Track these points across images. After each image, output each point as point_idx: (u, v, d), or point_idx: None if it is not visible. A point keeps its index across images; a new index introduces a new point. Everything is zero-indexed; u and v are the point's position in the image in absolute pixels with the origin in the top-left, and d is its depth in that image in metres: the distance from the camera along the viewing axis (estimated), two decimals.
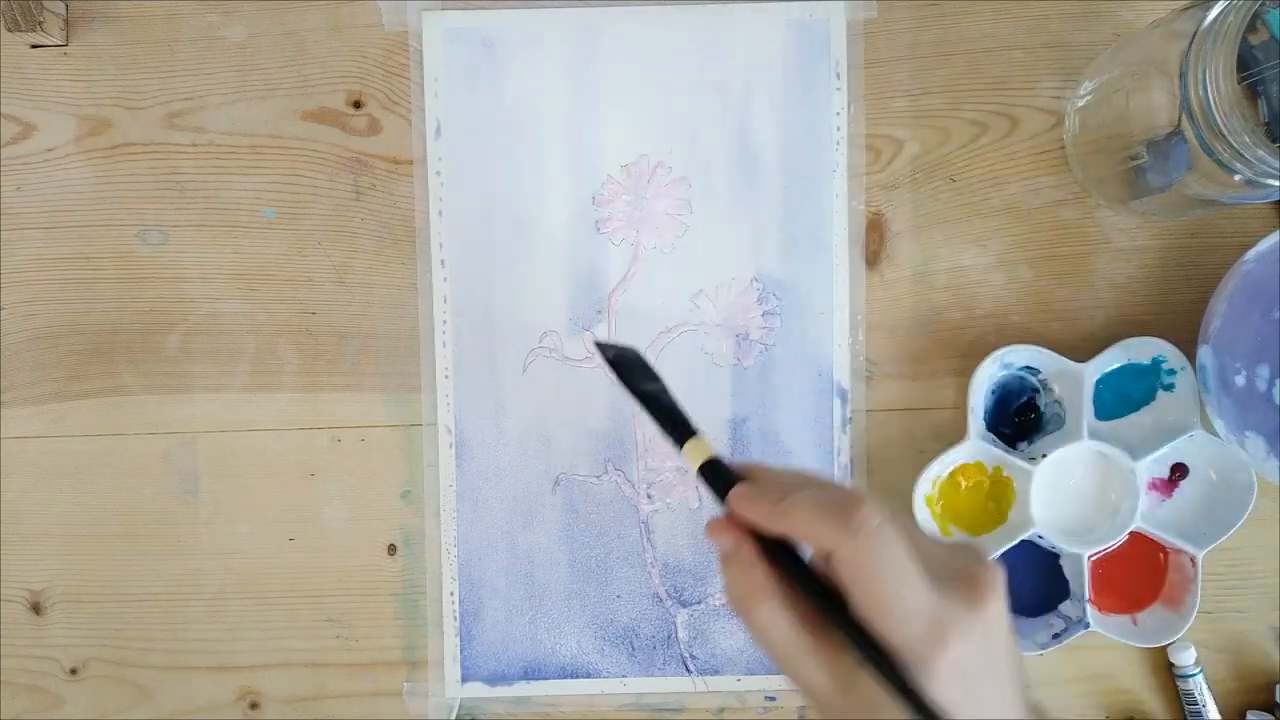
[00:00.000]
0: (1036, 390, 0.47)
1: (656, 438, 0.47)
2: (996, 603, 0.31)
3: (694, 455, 0.35)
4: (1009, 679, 0.32)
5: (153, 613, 0.48)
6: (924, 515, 0.46)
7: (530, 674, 0.47)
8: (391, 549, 0.47)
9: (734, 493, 0.34)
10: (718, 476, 0.34)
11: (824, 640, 0.32)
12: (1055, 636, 0.46)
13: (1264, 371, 0.40)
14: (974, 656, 0.31)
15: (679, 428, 0.36)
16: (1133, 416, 0.46)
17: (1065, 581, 0.47)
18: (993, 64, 0.47)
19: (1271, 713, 0.47)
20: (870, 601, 0.31)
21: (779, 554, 0.32)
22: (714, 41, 0.46)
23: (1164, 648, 0.47)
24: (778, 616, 0.32)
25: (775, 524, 0.33)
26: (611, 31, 0.46)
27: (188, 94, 0.47)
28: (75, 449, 0.47)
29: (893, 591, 0.30)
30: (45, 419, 0.47)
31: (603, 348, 0.38)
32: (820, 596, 0.32)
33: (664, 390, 0.37)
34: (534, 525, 0.47)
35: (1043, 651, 0.45)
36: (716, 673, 0.47)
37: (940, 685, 0.30)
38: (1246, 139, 0.35)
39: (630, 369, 0.38)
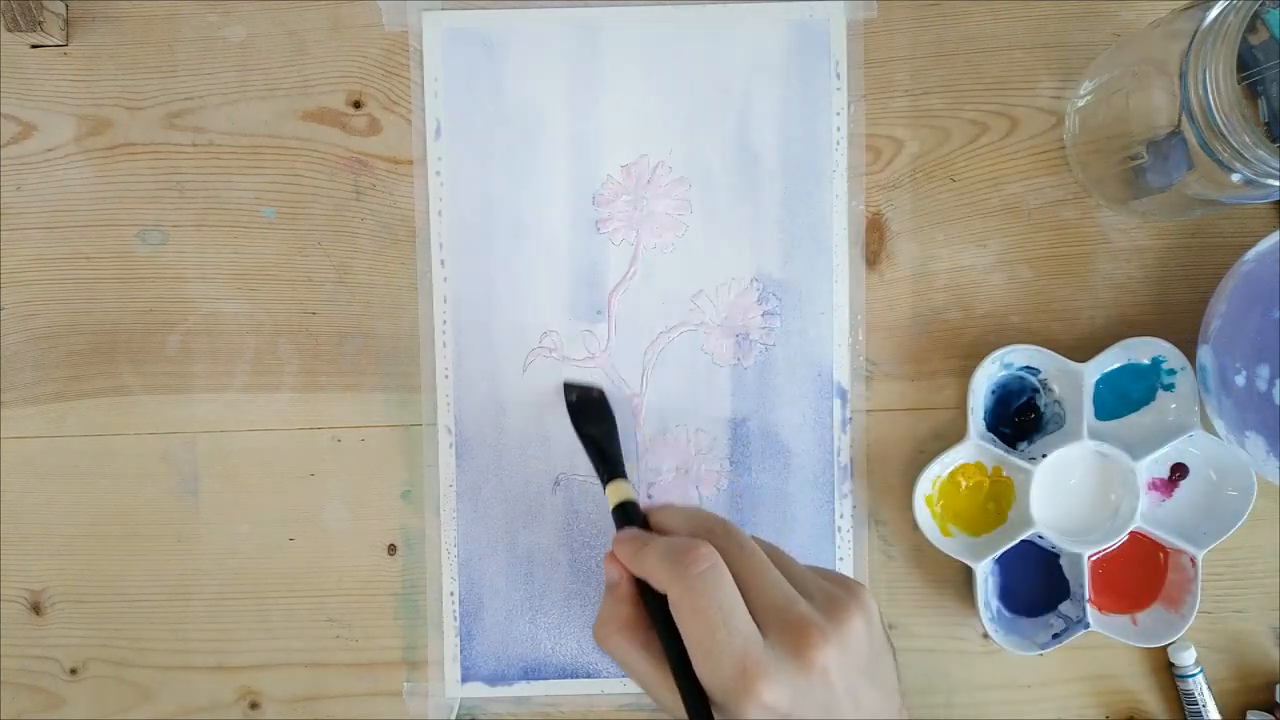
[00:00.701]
0: (1036, 390, 0.47)
1: (656, 439, 0.47)
2: (825, 648, 0.31)
3: (613, 495, 0.39)
4: (853, 718, 0.32)
5: (153, 613, 0.48)
6: (924, 515, 0.46)
7: (530, 674, 0.47)
8: (391, 549, 0.47)
9: (617, 535, 0.37)
10: (628, 518, 0.38)
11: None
12: (1055, 636, 0.46)
13: (1264, 371, 0.40)
14: (793, 701, 0.31)
15: (610, 469, 0.41)
16: (1133, 416, 0.46)
17: (1065, 581, 0.47)
18: (993, 64, 0.47)
19: (1271, 713, 0.47)
20: (691, 644, 0.32)
21: (652, 594, 0.35)
22: (714, 41, 0.46)
23: (1164, 648, 0.47)
24: (632, 651, 0.35)
25: (635, 568, 0.35)
26: (611, 31, 0.46)
27: (188, 94, 0.47)
28: (75, 449, 0.47)
29: (708, 635, 0.32)
30: (45, 419, 0.47)
31: (568, 389, 0.44)
32: (668, 639, 0.34)
33: (608, 433, 0.42)
34: (534, 525, 0.47)
35: (1043, 651, 0.45)
36: None
37: None
38: (1246, 139, 0.35)
39: (587, 410, 0.43)
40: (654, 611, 0.35)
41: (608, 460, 0.41)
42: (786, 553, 0.36)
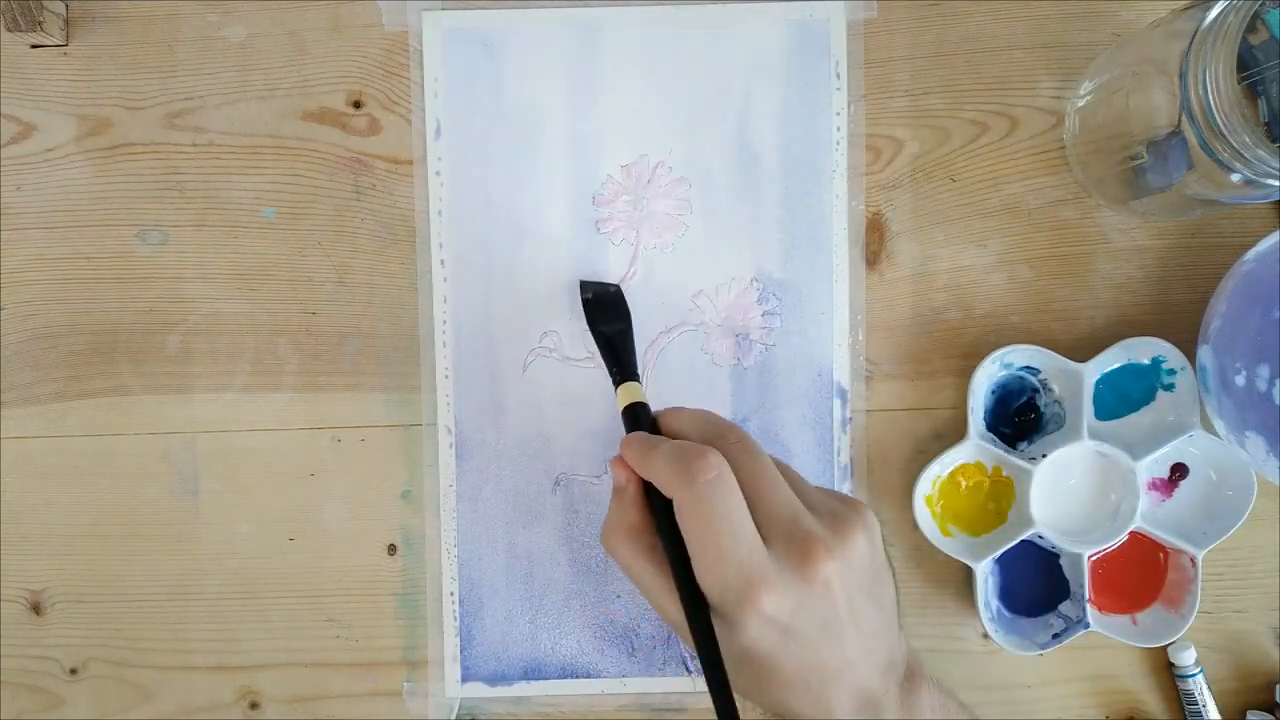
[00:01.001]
0: (1036, 390, 0.47)
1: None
2: (828, 562, 0.32)
3: (624, 396, 0.39)
4: (852, 634, 0.32)
5: (153, 613, 0.48)
6: (924, 515, 0.46)
7: (530, 674, 0.47)
8: (391, 549, 0.47)
9: (625, 438, 0.37)
10: (637, 420, 0.38)
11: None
12: (1055, 636, 0.46)
13: (1264, 371, 0.40)
14: (793, 612, 0.31)
15: (623, 370, 0.40)
16: (1133, 416, 0.46)
17: (1065, 581, 0.47)
18: (993, 64, 0.47)
19: (1271, 713, 0.47)
20: (695, 551, 0.32)
21: (659, 499, 0.34)
22: (714, 41, 0.46)
23: (1164, 648, 0.47)
24: (637, 556, 0.35)
25: (642, 471, 0.35)
26: (611, 31, 0.46)
27: (188, 94, 0.47)
28: (75, 449, 0.47)
29: (713, 542, 0.32)
30: (45, 419, 0.47)
31: (584, 286, 0.43)
32: (671, 544, 0.34)
33: (623, 333, 0.42)
34: (534, 525, 0.47)
35: (1043, 651, 0.45)
36: None
37: (751, 635, 0.31)
38: (1246, 139, 0.35)
39: (603, 307, 0.43)
40: (659, 517, 0.34)
41: (621, 361, 0.41)
42: (795, 470, 0.36)
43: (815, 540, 0.32)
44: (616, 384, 0.40)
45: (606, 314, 0.43)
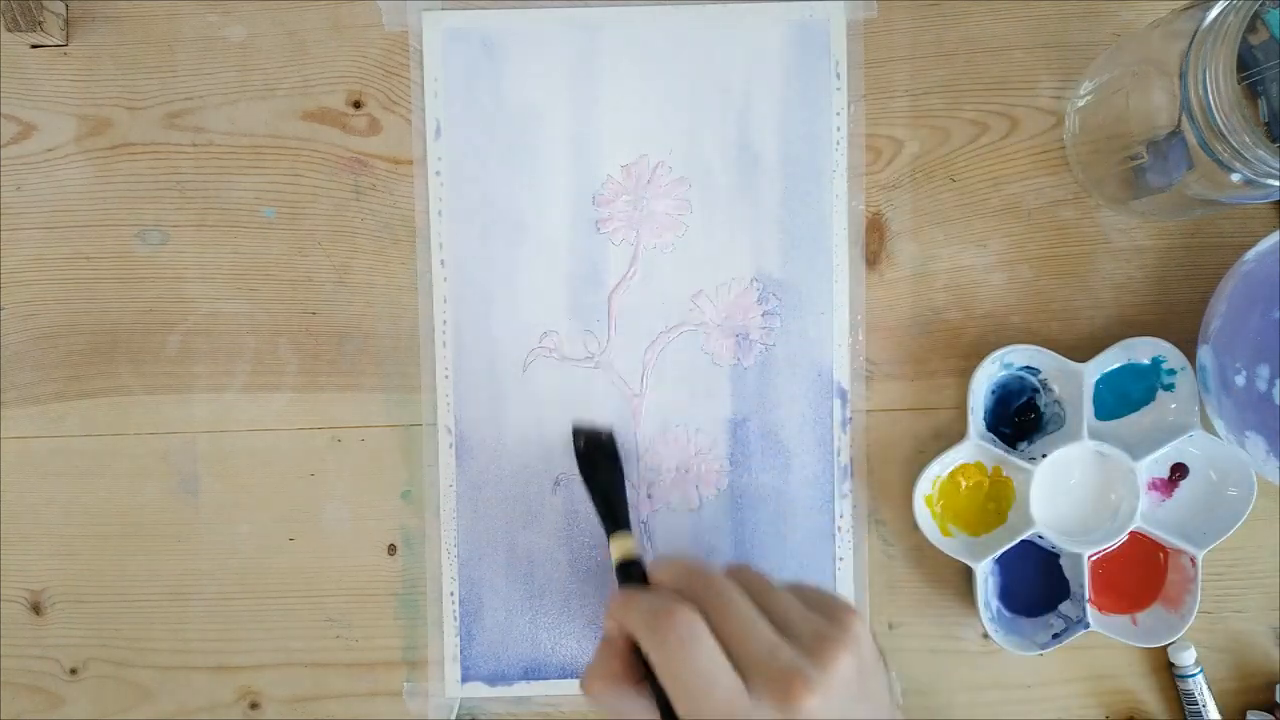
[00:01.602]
0: (1036, 390, 0.47)
1: (656, 439, 0.47)
2: (810, 698, 0.31)
3: (616, 551, 0.40)
4: None
5: (153, 613, 0.48)
6: (924, 515, 0.46)
7: (530, 674, 0.47)
8: (391, 549, 0.47)
9: (612, 595, 0.37)
10: (629, 575, 0.39)
11: None
12: (1055, 636, 0.46)
13: (1264, 371, 0.40)
14: None
15: (615, 521, 0.41)
16: (1133, 416, 0.46)
17: (1065, 581, 0.47)
18: (993, 64, 0.47)
19: (1271, 713, 0.47)
20: (676, 704, 0.33)
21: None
22: (714, 41, 0.46)
23: (1164, 648, 0.47)
24: (620, 700, 0.35)
25: (625, 628, 0.36)
26: (611, 31, 0.46)
27: (188, 94, 0.47)
28: (75, 449, 0.47)
29: (690, 696, 0.32)
30: (45, 419, 0.47)
31: (576, 434, 0.44)
32: (658, 693, 0.34)
33: (615, 481, 0.43)
34: (534, 525, 0.47)
35: (1043, 651, 0.45)
36: None
37: None
38: (1246, 139, 0.35)
39: (595, 452, 0.43)
40: (649, 668, 0.35)
41: (614, 512, 0.42)
42: (770, 581, 0.36)
43: (794, 676, 0.32)
44: (608, 533, 0.41)
45: (600, 463, 0.43)
